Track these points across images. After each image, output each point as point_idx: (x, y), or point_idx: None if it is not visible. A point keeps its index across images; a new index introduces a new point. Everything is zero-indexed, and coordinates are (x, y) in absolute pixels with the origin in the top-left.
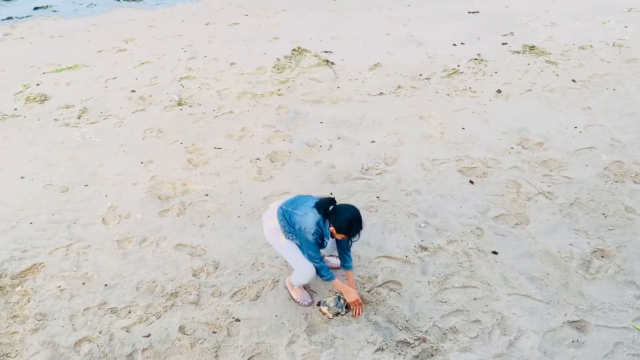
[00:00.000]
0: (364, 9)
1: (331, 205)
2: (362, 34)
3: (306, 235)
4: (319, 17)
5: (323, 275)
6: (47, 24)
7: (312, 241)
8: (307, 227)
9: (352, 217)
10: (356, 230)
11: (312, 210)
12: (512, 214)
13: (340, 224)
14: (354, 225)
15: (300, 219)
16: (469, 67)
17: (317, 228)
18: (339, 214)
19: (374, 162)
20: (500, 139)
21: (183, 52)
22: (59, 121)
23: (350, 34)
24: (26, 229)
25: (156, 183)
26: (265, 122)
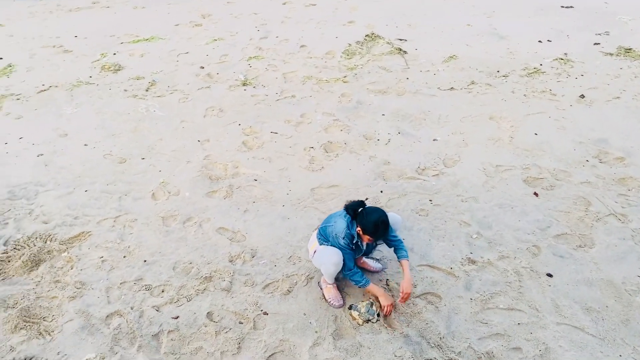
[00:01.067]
0: None
1: (360, 207)
2: (441, 23)
3: (338, 241)
4: (400, 2)
5: (357, 281)
6: None
7: (344, 246)
8: (337, 232)
9: (378, 220)
10: (381, 233)
11: (341, 216)
12: (576, 234)
13: (366, 224)
14: (379, 227)
15: (331, 229)
16: (552, 67)
17: (347, 231)
18: (366, 215)
19: (433, 162)
20: (576, 150)
21: (256, 30)
22: (128, 92)
23: (429, 22)
24: (81, 196)
25: (209, 163)
26: (326, 109)
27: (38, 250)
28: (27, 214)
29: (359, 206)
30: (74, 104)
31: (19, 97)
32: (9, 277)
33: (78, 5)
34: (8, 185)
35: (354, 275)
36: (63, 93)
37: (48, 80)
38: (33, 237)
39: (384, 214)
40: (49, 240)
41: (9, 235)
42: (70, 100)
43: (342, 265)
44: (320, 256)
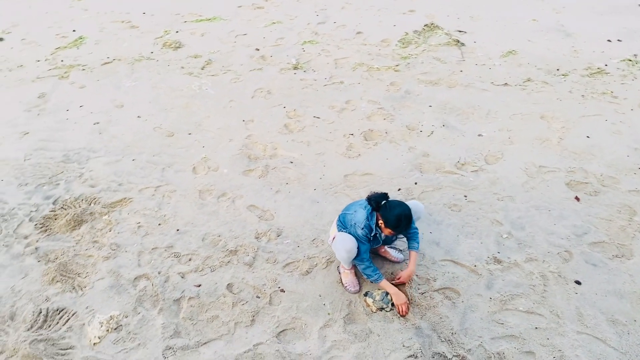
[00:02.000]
0: None
1: (383, 200)
2: (505, 17)
3: (356, 231)
4: None
5: (370, 275)
6: None
7: (362, 236)
8: (357, 221)
9: (401, 213)
10: (404, 227)
11: (362, 206)
12: (614, 243)
13: (389, 218)
14: (402, 222)
15: (351, 217)
16: (618, 69)
17: (366, 222)
18: (389, 208)
19: (474, 157)
20: (629, 156)
21: (315, 15)
22: (185, 69)
23: (493, 15)
24: (128, 164)
25: (250, 142)
26: (372, 97)
27: (82, 212)
28: (77, 177)
29: (382, 199)
30: (133, 77)
31: (84, 67)
32: (53, 233)
33: None
34: (64, 150)
35: (366, 269)
36: (125, 66)
37: (113, 54)
38: (79, 198)
39: (408, 208)
40: (93, 203)
41: (59, 195)
42: (131, 74)
43: (355, 253)
44: (336, 242)
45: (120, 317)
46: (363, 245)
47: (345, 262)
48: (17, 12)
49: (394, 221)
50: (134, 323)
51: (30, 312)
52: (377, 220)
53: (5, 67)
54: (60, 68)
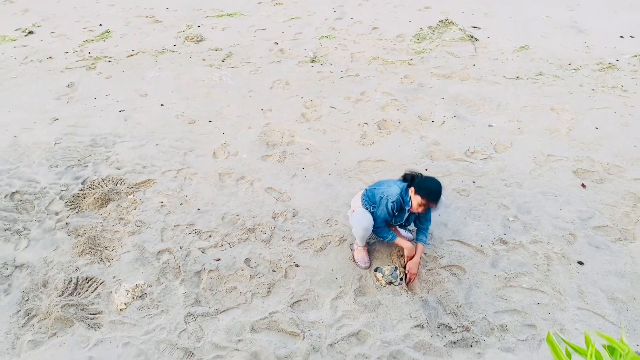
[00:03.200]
0: None
1: (417, 177)
2: (519, 13)
3: (386, 203)
4: None
5: (384, 236)
6: None
7: (388, 210)
8: (390, 195)
9: (437, 185)
10: (437, 198)
11: (396, 183)
12: (617, 227)
13: (425, 187)
14: (437, 192)
15: (383, 190)
16: (629, 64)
17: (399, 197)
18: (424, 181)
19: (483, 146)
20: (636, 146)
21: (332, 11)
22: (206, 61)
23: (507, 11)
24: (151, 149)
25: (268, 130)
26: (386, 89)
27: (109, 191)
28: (104, 159)
29: (417, 176)
30: (156, 68)
31: (110, 59)
32: (82, 210)
33: None
34: (92, 135)
35: (381, 231)
36: (149, 58)
37: (138, 46)
38: (106, 179)
39: (439, 182)
40: (119, 184)
41: (87, 175)
42: (154, 65)
43: (370, 231)
44: (354, 218)
45: (144, 286)
46: (384, 216)
47: (360, 238)
48: (46, 7)
49: (428, 190)
50: (157, 292)
51: (61, 280)
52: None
53: (35, 58)
54: (87, 60)
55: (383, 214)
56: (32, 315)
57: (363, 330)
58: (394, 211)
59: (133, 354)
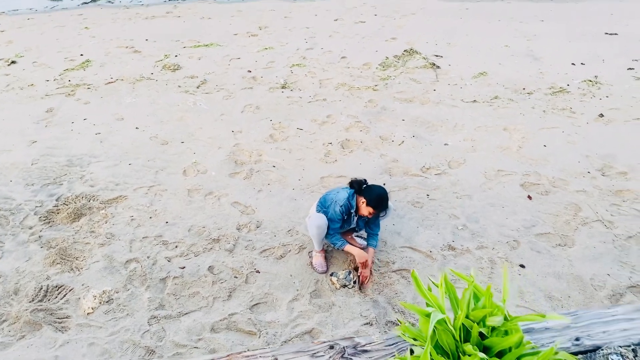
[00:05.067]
0: (493, 20)
1: (364, 184)
2: (479, 43)
3: (335, 207)
4: (445, 23)
5: (335, 242)
6: (202, 7)
7: (338, 213)
8: (338, 200)
9: (382, 193)
10: (383, 206)
11: (345, 190)
12: (558, 234)
13: (370, 197)
14: (383, 200)
15: (332, 195)
16: (579, 88)
17: (346, 201)
18: (370, 189)
19: (438, 163)
20: (580, 162)
21: (304, 42)
22: (181, 88)
23: (468, 41)
24: (125, 168)
25: (237, 149)
26: (351, 112)
27: (82, 206)
28: (79, 178)
29: (363, 182)
30: (133, 94)
31: (89, 86)
32: (55, 224)
33: (154, 14)
34: (68, 155)
35: (332, 237)
36: (126, 85)
37: (116, 74)
38: (80, 196)
39: (386, 190)
40: (92, 200)
41: (62, 193)
42: (131, 92)
43: (325, 230)
44: (309, 220)
45: (111, 292)
46: (336, 222)
47: (316, 237)
48: (30, 38)
49: (375, 199)
50: (123, 297)
51: (32, 288)
52: (357, 203)
53: (17, 85)
54: (67, 87)
55: (335, 214)
56: (2, 320)
57: (316, 328)
58: (344, 215)
59: (97, 352)
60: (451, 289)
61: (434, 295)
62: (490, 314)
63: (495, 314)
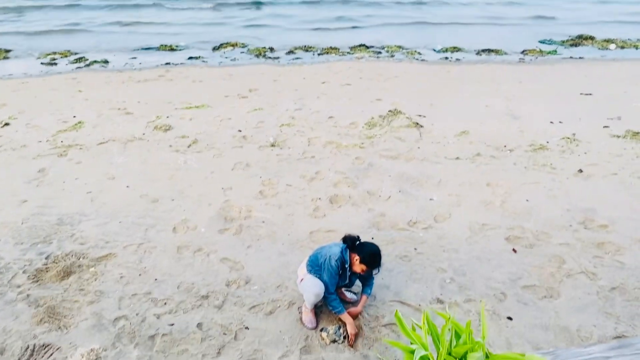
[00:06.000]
0: (473, 82)
1: (357, 241)
2: (461, 104)
3: (330, 262)
4: (427, 85)
5: (334, 307)
6: (193, 71)
7: (334, 268)
8: (332, 254)
9: (375, 251)
10: (377, 263)
11: (337, 245)
12: (544, 286)
13: (364, 254)
14: (376, 258)
15: (326, 251)
16: (558, 145)
17: (340, 255)
18: (364, 246)
19: (425, 217)
20: (562, 216)
21: (293, 103)
22: (172, 147)
23: (450, 102)
24: (115, 225)
25: (227, 206)
26: (339, 169)
27: (71, 264)
28: (69, 236)
29: (357, 239)
30: (125, 154)
31: (82, 147)
32: (44, 283)
33: (146, 77)
34: (58, 214)
35: (333, 301)
36: (118, 145)
37: (108, 135)
38: (70, 254)
39: (378, 248)
40: (81, 258)
41: (51, 251)
42: (123, 152)
43: (322, 296)
44: (305, 284)
45: (99, 350)
46: (332, 279)
47: (310, 303)
48: (24, 101)
49: (368, 257)
50: (112, 355)
51: (18, 347)
52: (350, 259)
53: (9, 147)
54: (59, 147)
55: (330, 277)
56: None
57: None
58: (339, 269)
59: None
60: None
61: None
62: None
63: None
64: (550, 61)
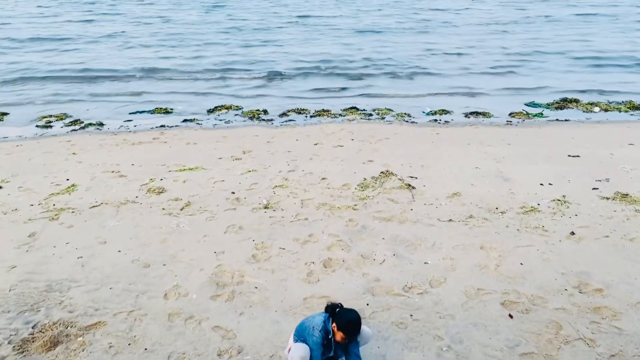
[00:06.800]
0: (463, 144)
1: (337, 308)
2: (451, 165)
3: (313, 333)
4: (417, 147)
5: None
6: (188, 133)
7: (318, 338)
8: (315, 325)
9: (352, 318)
10: (353, 331)
11: (320, 315)
12: (542, 354)
13: (340, 322)
14: (351, 325)
15: (309, 322)
16: (548, 207)
17: (323, 325)
18: (341, 314)
19: (420, 282)
20: (557, 279)
21: (286, 165)
22: (165, 210)
23: (440, 164)
24: (105, 292)
25: (219, 271)
26: (332, 231)
27: (58, 334)
28: (58, 303)
29: (337, 307)
30: (117, 218)
31: (74, 210)
32: (30, 354)
33: (141, 140)
34: (48, 280)
35: None
36: (111, 209)
37: (101, 198)
38: (58, 322)
39: (357, 314)
40: (70, 326)
41: (38, 320)
42: (115, 215)
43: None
44: (291, 353)
45: None
46: (317, 349)
47: None
48: (17, 164)
49: (344, 324)
50: None
51: None
52: (332, 328)
53: (0, 211)
54: (51, 211)
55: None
56: None
57: None
58: (324, 339)
59: None
60: None
61: None
62: None
63: None
64: (537, 123)
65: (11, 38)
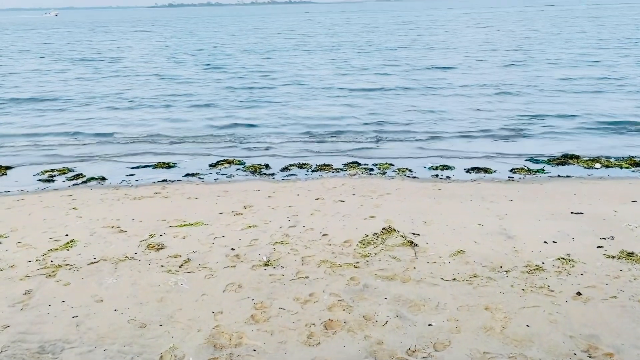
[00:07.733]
0: (465, 200)
1: None
2: (453, 222)
3: None
4: (419, 202)
5: None
6: (189, 188)
7: None
8: None
9: None
10: None
11: None
12: None
13: None
14: None
15: None
16: (553, 266)
17: None
18: None
19: (424, 345)
20: (565, 343)
21: (287, 220)
22: (164, 267)
23: (443, 220)
24: (99, 354)
25: (217, 332)
26: (334, 290)
27: None
28: None
29: None
30: (115, 275)
31: (71, 267)
32: None
33: (142, 194)
34: (40, 341)
35: None
36: (109, 265)
37: (99, 255)
38: None
39: None
40: None
41: None
42: (113, 272)
43: None
44: None
45: None
46: None
47: None
48: (17, 219)
49: None
50: None
51: None
52: None
53: None
54: (48, 267)
55: None
56: None
57: None
58: None
59: None
60: None
61: None
62: None
63: None
64: (539, 180)
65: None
